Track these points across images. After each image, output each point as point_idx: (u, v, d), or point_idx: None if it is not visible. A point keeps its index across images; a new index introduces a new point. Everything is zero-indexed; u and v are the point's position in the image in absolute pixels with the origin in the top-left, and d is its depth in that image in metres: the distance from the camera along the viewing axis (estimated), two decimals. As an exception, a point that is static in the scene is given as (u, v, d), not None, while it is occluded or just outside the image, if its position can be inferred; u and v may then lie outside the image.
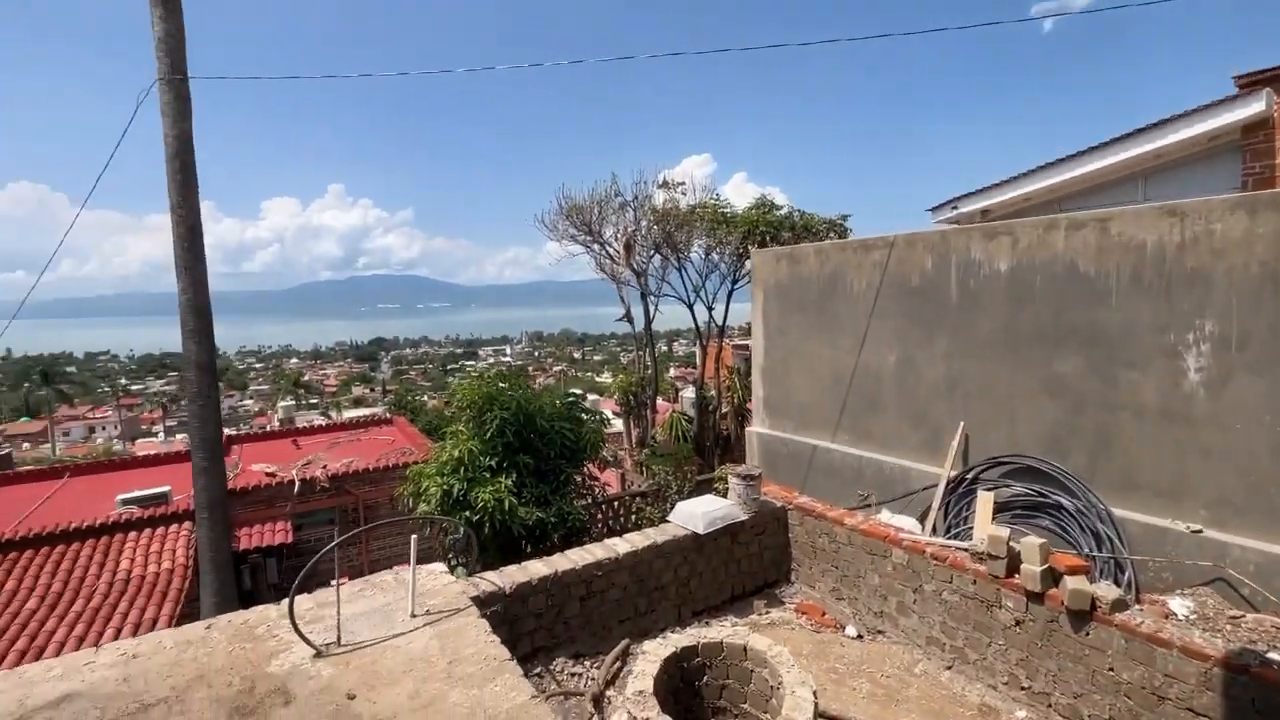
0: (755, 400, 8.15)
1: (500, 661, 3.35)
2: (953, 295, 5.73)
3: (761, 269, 7.80)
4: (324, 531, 15.55)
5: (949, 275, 5.75)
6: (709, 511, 5.74)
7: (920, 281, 6.01)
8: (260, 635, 3.70)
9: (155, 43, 7.07)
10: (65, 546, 10.84)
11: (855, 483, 6.62)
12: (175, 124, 7.19)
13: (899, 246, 6.18)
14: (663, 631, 5.46)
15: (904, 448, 6.24)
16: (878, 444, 6.51)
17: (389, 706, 3.01)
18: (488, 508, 7.51)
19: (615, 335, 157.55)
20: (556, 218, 14.91)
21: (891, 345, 6.32)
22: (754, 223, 13.37)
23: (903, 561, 5.20)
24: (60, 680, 3.26)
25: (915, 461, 6.09)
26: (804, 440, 7.32)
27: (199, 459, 7.42)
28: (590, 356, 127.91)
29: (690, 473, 10.20)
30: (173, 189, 7.30)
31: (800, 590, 6.26)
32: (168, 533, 11.49)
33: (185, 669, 3.34)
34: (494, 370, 8.95)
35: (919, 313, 6.04)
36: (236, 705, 3.03)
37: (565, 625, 5.05)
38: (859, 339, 6.67)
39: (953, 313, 5.74)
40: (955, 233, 5.85)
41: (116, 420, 67.98)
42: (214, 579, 7.25)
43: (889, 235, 6.39)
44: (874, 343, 6.48)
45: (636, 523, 10.25)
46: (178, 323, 7.76)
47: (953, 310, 5.74)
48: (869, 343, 6.55)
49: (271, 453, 17.45)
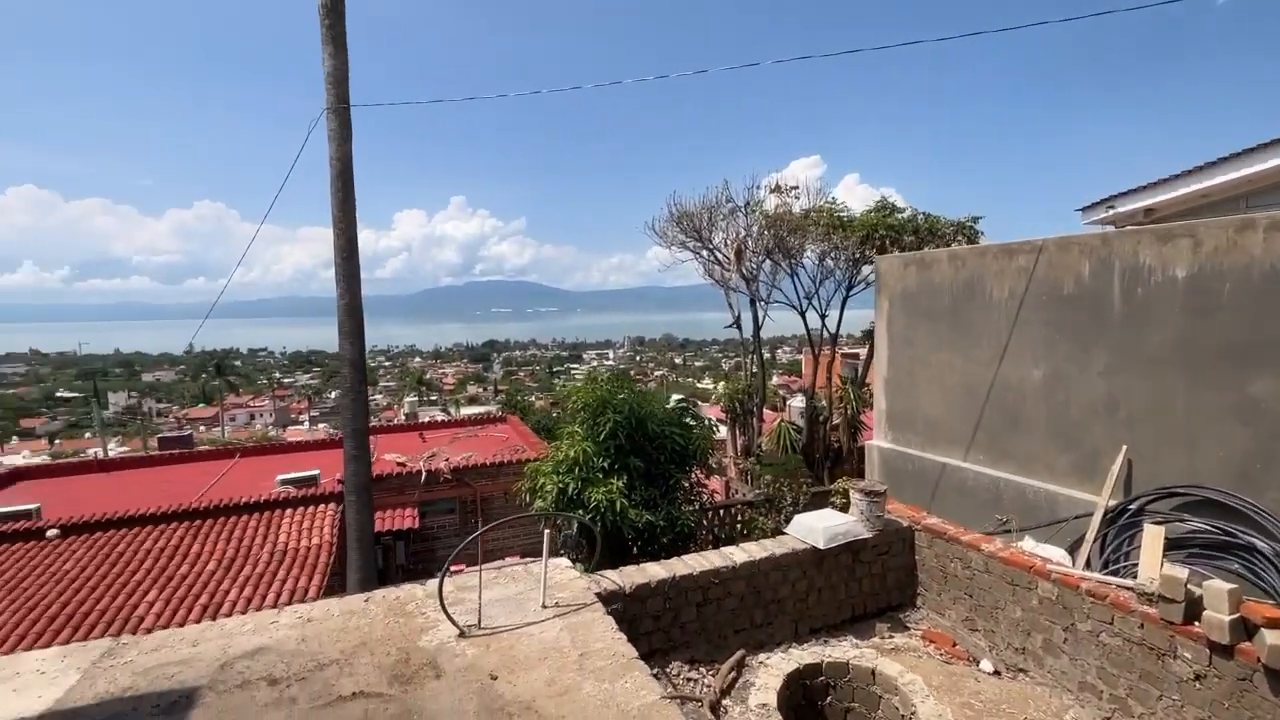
0: (876, 413, 7.80)
1: (629, 659, 3.44)
2: (1115, 305, 5.18)
3: (887, 275, 7.45)
4: (444, 520, 16.68)
5: (1110, 283, 5.20)
6: (830, 526, 5.56)
7: (1074, 289, 5.48)
8: (410, 611, 4.05)
9: (325, 76, 7.99)
10: (236, 518, 12.40)
11: (991, 506, 6.14)
12: (339, 147, 8.07)
13: (1050, 251, 5.67)
14: (779, 645, 5.35)
15: (1051, 471, 5.70)
16: (1019, 465, 6.00)
17: (528, 690, 3.18)
18: (600, 508, 7.73)
19: (717, 341, 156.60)
20: (667, 224, 15.11)
21: (1037, 358, 5.81)
22: (873, 226, 12.82)
23: (1051, 595, 4.74)
24: (253, 634, 3.75)
25: (1064, 487, 5.55)
26: (931, 457, 6.90)
27: (349, 447, 8.24)
28: (691, 362, 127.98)
29: (807, 484, 9.92)
30: (335, 204, 8.19)
31: (927, 616, 5.89)
32: (317, 511, 12.81)
33: (350, 636, 3.73)
34: (607, 373, 9.21)
35: (1072, 323, 5.51)
36: (395, 674, 3.34)
37: (681, 629, 5.08)
38: (998, 351, 6.19)
39: (1114, 324, 5.18)
40: (1120, 235, 5.28)
41: (271, 409, 76.91)
42: (359, 556, 8.02)
43: (1037, 239, 5.88)
44: (1016, 355, 5.99)
45: (744, 532, 10.12)
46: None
47: (1114, 321, 5.18)
48: (1010, 355, 6.06)
49: (400, 444, 19.00)
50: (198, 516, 12.21)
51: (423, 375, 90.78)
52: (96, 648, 3.63)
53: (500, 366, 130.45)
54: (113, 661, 3.47)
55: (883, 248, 12.37)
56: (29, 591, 9.72)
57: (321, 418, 72.58)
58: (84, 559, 10.70)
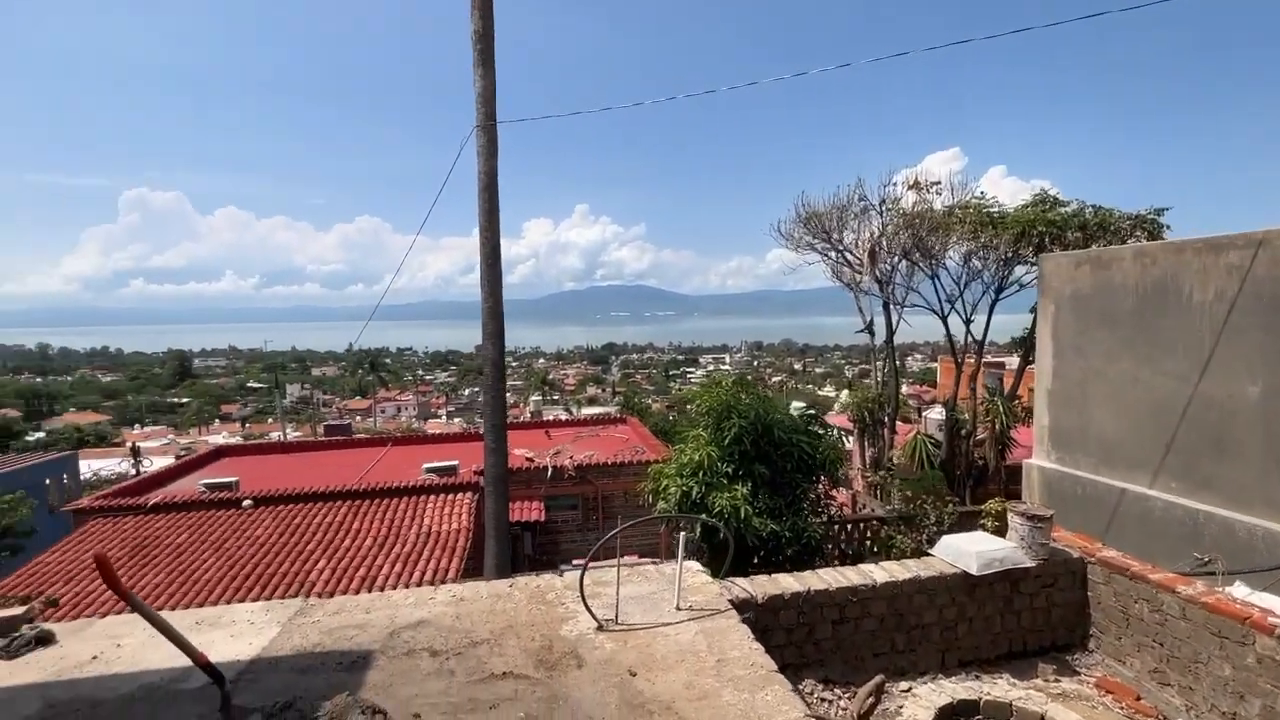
0: (1035, 429, 7.02)
1: (768, 671, 3.34)
2: (1369, 309, 4.26)
3: (1053, 276, 6.69)
4: (567, 515, 17.37)
5: (1363, 282, 4.29)
6: (985, 551, 5.07)
7: (1309, 290, 4.58)
8: (550, 600, 4.22)
9: (476, 96, 8.62)
10: (389, 500, 13.72)
11: (1187, 542, 5.29)
12: (486, 162, 8.67)
13: (1274, 245, 4.79)
14: (923, 675, 4.97)
15: (1271, 506, 4.81)
16: (1225, 497, 5.12)
17: (667, 691, 3.19)
18: (724, 513, 7.64)
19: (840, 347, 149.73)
20: (793, 226, 14.69)
21: (1254, 372, 4.93)
22: (1029, 223, 11.61)
23: (1275, 655, 3.98)
24: (415, 608, 4.10)
25: (1291, 526, 4.65)
26: (1106, 481, 6.09)
27: (489, 440, 8.79)
28: (811, 368, 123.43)
29: (953, 503, 9.15)
30: (481, 215, 8.80)
31: (1102, 663, 5.19)
32: (456, 499, 13.84)
33: (498, 618, 3.96)
34: (731, 377, 9.12)
35: (1305, 331, 4.61)
36: (540, 659, 3.49)
37: (815, 646, 4.87)
38: (1197, 362, 5.33)
39: (1368, 332, 4.27)
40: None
41: (414, 403, 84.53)
42: (496, 544, 8.52)
43: (1254, 231, 5.00)
44: (1224, 367, 5.12)
45: (875, 549, 9.54)
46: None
47: (1369, 329, 4.27)
48: (1215, 367, 5.19)
49: (527, 440, 20.05)
50: (358, 497, 13.65)
51: (546, 375, 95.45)
52: (291, 606, 4.15)
53: (618, 369, 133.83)
54: (304, 620, 3.95)
55: (1041, 245, 11.16)
56: (230, 551, 11.39)
57: (457, 412, 78.67)
58: (270, 527, 12.36)
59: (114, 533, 12.31)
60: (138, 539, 11.94)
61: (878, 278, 13.49)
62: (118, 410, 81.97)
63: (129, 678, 3.30)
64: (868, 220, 13.88)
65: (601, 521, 16.98)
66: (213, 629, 3.83)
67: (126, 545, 11.72)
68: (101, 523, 12.72)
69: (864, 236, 13.78)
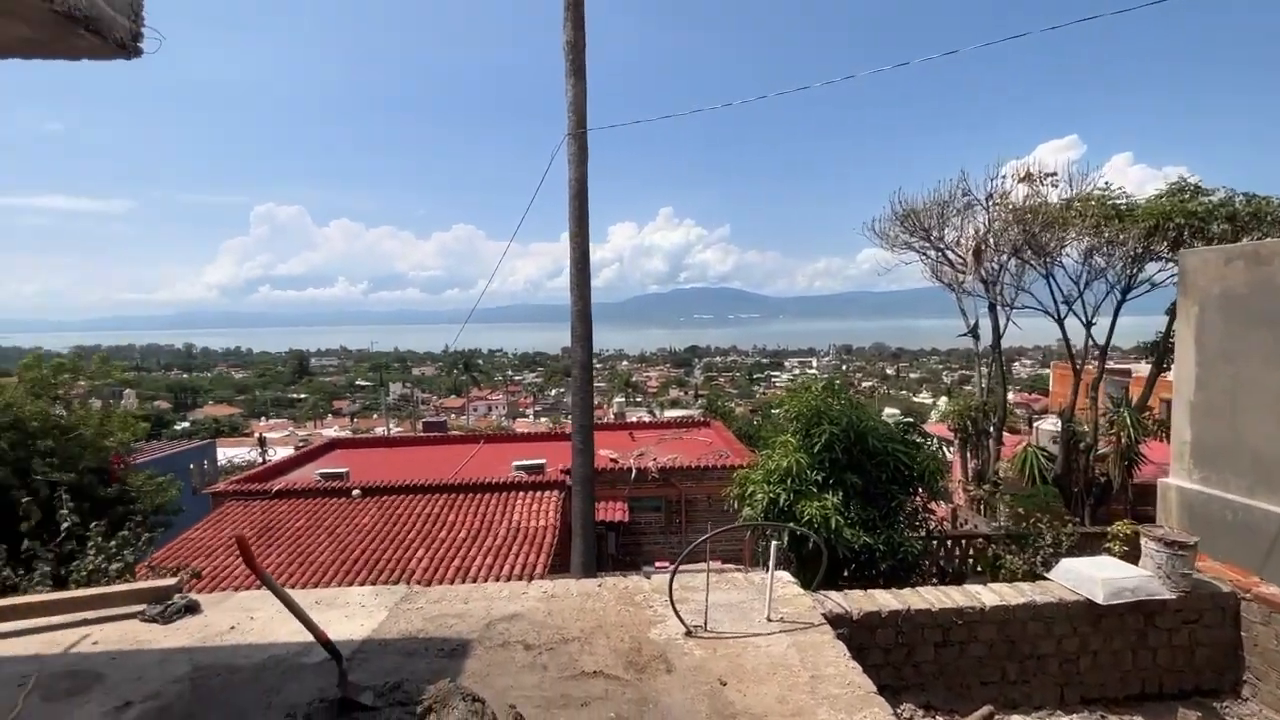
0: (1174, 444, 6.29)
1: (867, 692, 3.18)
2: None
3: (1197, 274, 5.97)
4: (650, 516, 17.43)
5: None
6: (1112, 579, 4.59)
7: None
8: (639, 603, 4.23)
9: (567, 105, 8.87)
10: (481, 495, 14.36)
11: (1373, 582, 4.54)
12: (577, 169, 8.90)
13: None
14: (1039, 710, 4.57)
15: None
16: None
17: (759, 704, 3.10)
18: (813, 523, 7.37)
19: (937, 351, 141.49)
20: (889, 224, 14.02)
21: None
22: (1164, 214, 10.43)
23: None
24: (509, 601, 4.24)
25: None
26: (1264, 506, 5.36)
27: (577, 440, 9.00)
28: (905, 373, 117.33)
29: (1073, 524, 8.38)
30: (571, 220, 9.04)
31: (1259, 714, 4.56)
32: (544, 496, 14.27)
33: (588, 617, 4.01)
34: (820, 382, 8.81)
35: None
36: (629, 660, 3.51)
37: (915, 669, 4.59)
38: (1388, 372, 4.57)
39: None
40: None
41: (504, 403, 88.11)
42: (583, 542, 8.72)
43: None
44: None
45: (978, 568, 8.90)
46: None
47: None
48: None
49: (611, 441, 20.32)
50: (453, 491, 14.38)
51: (629, 378, 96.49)
52: (397, 592, 4.41)
53: (701, 371, 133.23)
54: (408, 606, 4.18)
55: (1179, 240, 10.00)
56: (341, 537, 12.32)
57: (544, 412, 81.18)
58: (375, 516, 13.26)
59: (245, 515, 13.67)
60: (264, 521, 13.19)
61: (983, 277, 12.61)
62: (247, 404, 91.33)
63: (260, 648, 3.63)
64: (971, 216, 13.01)
65: (685, 525, 16.92)
66: (329, 609, 4.13)
67: (255, 526, 12.96)
68: (235, 505, 14.17)
69: (967, 233, 12.91)
